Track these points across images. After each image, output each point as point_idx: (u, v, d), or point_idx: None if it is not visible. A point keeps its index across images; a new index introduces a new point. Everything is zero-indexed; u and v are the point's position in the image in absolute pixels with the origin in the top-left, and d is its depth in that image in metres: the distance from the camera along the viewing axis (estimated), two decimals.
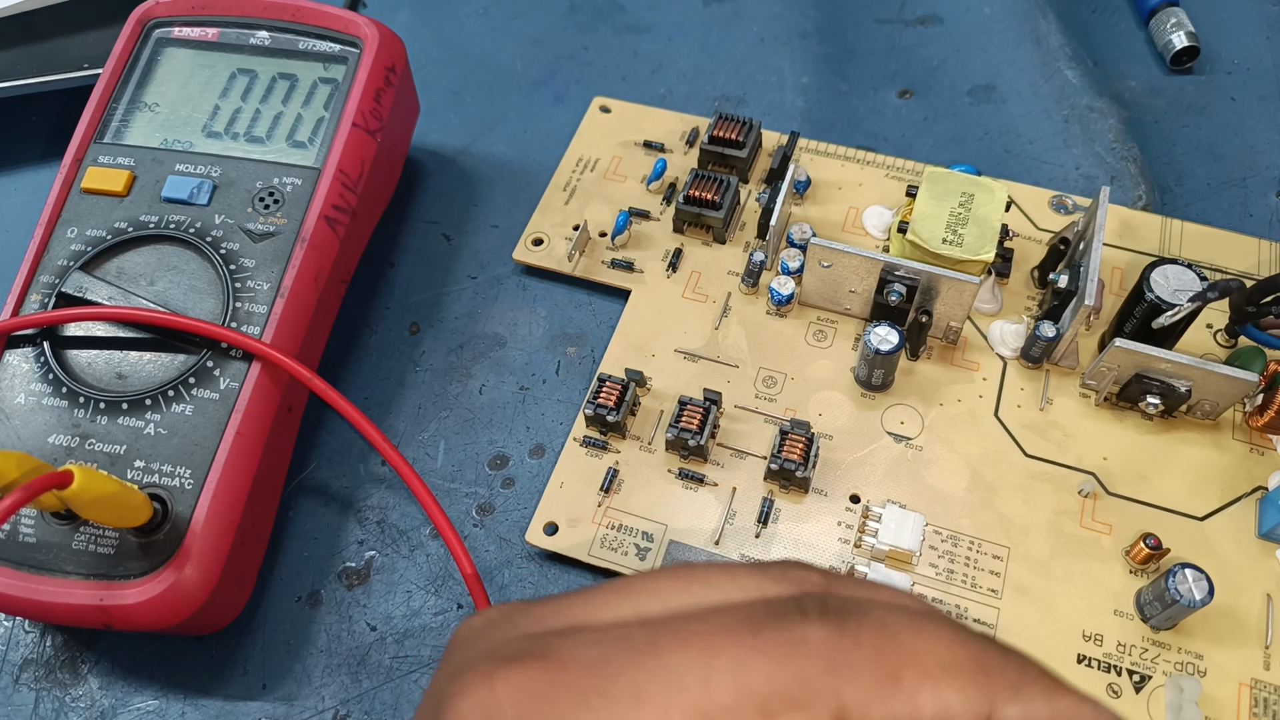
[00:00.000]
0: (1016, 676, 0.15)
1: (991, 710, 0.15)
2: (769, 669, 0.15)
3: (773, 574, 0.17)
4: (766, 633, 0.15)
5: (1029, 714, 0.15)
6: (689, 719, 0.14)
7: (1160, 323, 0.30)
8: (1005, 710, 0.15)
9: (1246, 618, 0.28)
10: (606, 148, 0.39)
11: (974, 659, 0.15)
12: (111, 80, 0.34)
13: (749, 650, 0.15)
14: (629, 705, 0.15)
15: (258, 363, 0.29)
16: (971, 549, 0.29)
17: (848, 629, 0.15)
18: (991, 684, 0.15)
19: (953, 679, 0.15)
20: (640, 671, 0.15)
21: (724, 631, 0.15)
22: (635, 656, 0.15)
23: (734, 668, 0.15)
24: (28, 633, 0.30)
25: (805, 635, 0.15)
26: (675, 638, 0.15)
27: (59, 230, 0.31)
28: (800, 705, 0.14)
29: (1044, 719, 0.15)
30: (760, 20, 0.45)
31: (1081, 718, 0.15)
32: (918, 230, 0.32)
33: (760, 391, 0.32)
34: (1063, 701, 0.15)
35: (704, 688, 0.15)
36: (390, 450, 0.29)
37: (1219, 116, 0.40)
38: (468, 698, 0.16)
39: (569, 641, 0.16)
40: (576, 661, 0.15)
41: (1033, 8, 0.44)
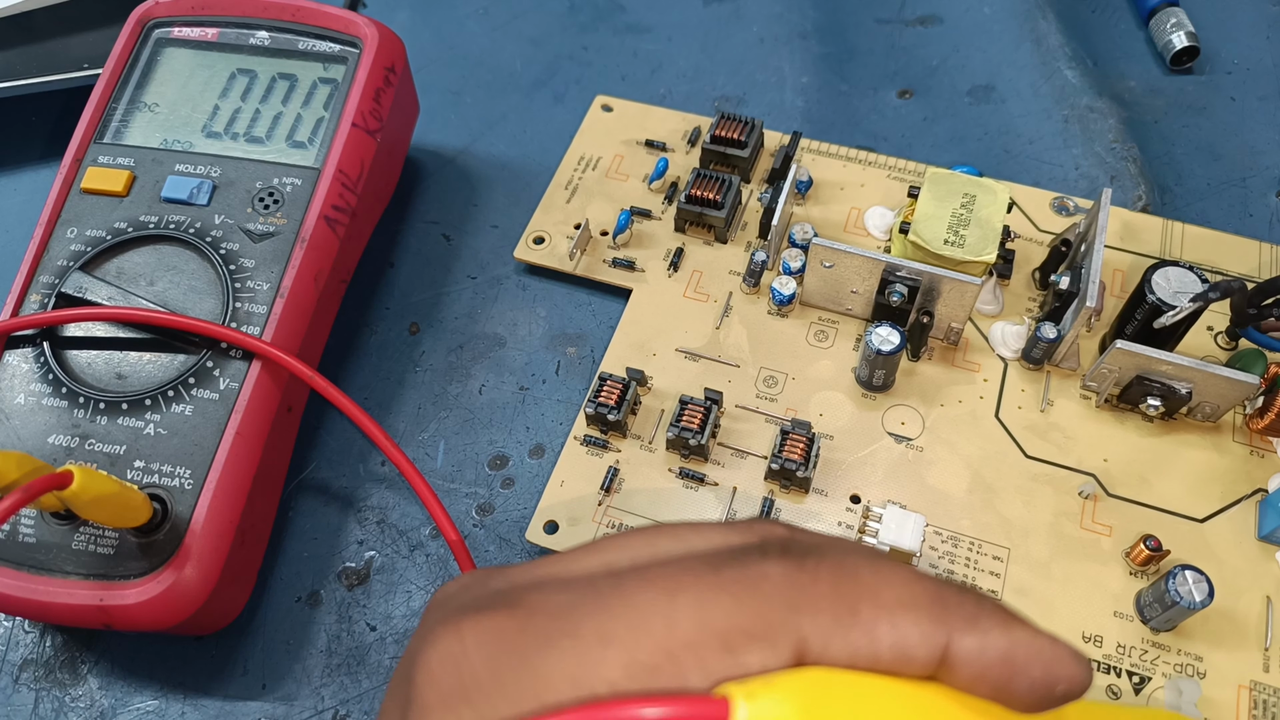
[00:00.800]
0: (973, 610, 0.16)
1: (948, 641, 0.15)
2: (730, 605, 0.15)
3: (738, 528, 0.18)
4: (727, 571, 0.15)
5: (985, 644, 0.15)
6: (653, 656, 0.14)
7: (1162, 322, 0.30)
8: (962, 641, 0.15)
9: (1246, 620, 0.28)
10: (608, 146, 0.39)
11: (930, 594, 0.16)
12: (111, 80, 0.34)
13: (710, 588, 0.15)
14: (595, 645, 0.15)
15: (258, 363, 0.29)
16: (972, 550, 0.29)
17: (806, 566, 0.16)
18: (948, 616, 0.15)
19: (909, 612, 0.15)
20: (605, 613, 0.15)
21: (686, 573, 0.16)
22: (600, 600, 0.15)
23: (696, 605, 0.15)
24: (27, 633, 0.30)
25: (765, 572, 0.15)
26: (639, 580, 0.16)
27: (59, 230, 0.31)
28: (761, 639, 0.15)
29: (1000, 648, 0.15)
30: (760, 20, 0.45)
31: (1039, 648, 0.16)
32: (920, 231, 0.32)
33: (761, 391, 0.32)
34: (1019, 633, 0.16)
35: (667, 625, 0.15)
36: (389, 445, 0.29)
37: (1219, 116, 0.40)
38: (437, 648, 0.16)
39: (536, 592, 0.16)
40: (543, 608, 0.16)
41: (1033, 8, 0.44)
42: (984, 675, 0.15)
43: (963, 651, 0.15)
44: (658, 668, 0.14)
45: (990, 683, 0.15)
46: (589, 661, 0.15)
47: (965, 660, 0.15)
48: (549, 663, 0.15)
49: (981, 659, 0.15)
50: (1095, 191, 0.38)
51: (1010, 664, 0.15)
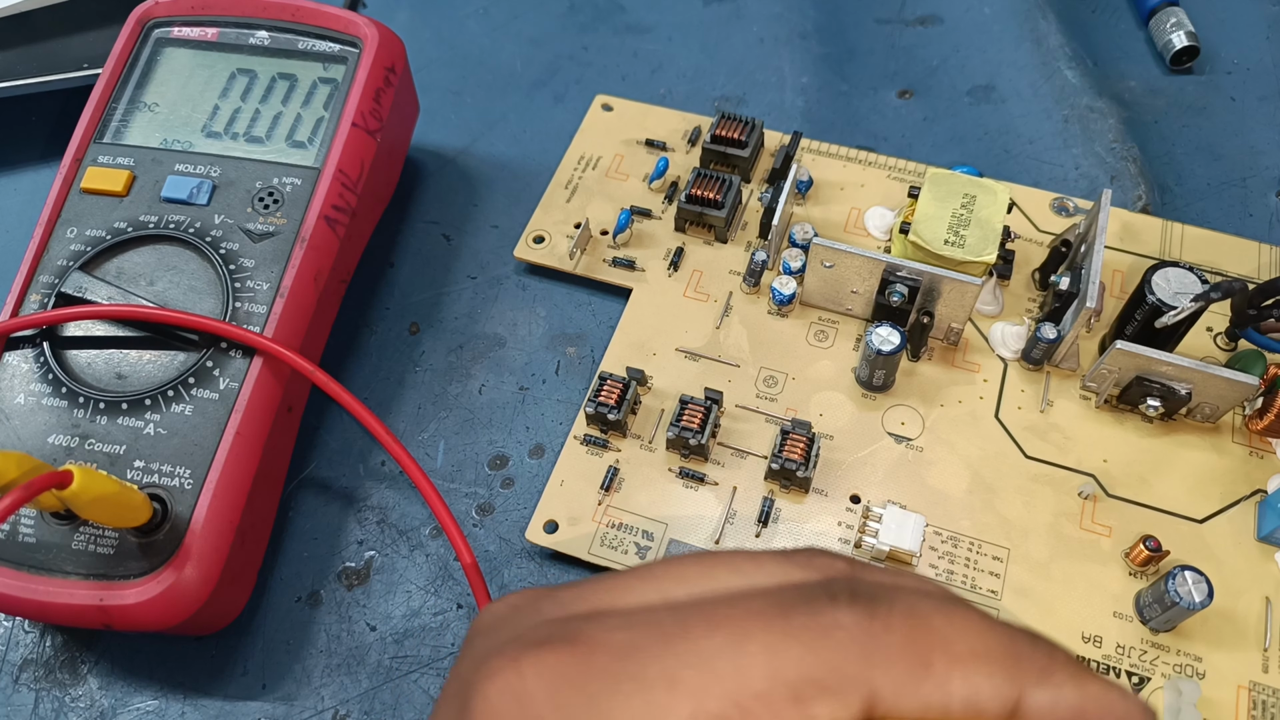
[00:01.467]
0: (1046, 662, 0.15)
1: (1021, 695, 0.15)
2: (801, 654, 0.15)
3: (797, 560, 0.17)
4: (797, 617, 0.15)
5: (1058, 699, 0.15)
6: (722, 704, 0.14)
7: (1163, 322, 0.30)
8: (1034, 695, 0.15)
9: (1245, 620, 0.28)
10: (609, 146, 0.39)
11: (1003, 645, 0.15)
12: (111, 80, 0.34)
13: (780, 635, 0.15)
14: (662, 690, 0.14)
15: (258, 362, 0.29)
16: (971, 550, 0.29)
17: (878, 614, 0.15)
18: (1021, 670, 0.15)
19: (983, 664, 0.15)
20: (672, 656, 0.15)
21: (754, 616, 0.15)
22: (665, 641, 0.15)
23: (766, 653, 0.15)
24: (27, 633, 0.30)
25: (836, 620, 0.15)
26: (706, 622, 0.15)
27: (59, 230, 0.31)
28: (833, 691, 0.14)
29: (1072, 704, 0.15)
30: (760, 20, 0.44)
31: (1110, 705, 0.15)
32: (920, 231, 0.32)
33: (761, 391, 0.32)
34: (1092, 688, 0.15)
35: (737, 673, 0.14)
36: (391, 441, 0.28)
37: (1219, 116, 0.40)
38: (496, 682, 0.15)
39: (597, 625, 0.16)
40: (606, 646, 0.15)
41: (1033, 8, 0.44)
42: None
43: (1035, 706, 0.15)
44: (725, 717, 0.14)
45: None
46: (656, 707, 0.14)
47: (1037, 715, 0.15)
48: (615, 706, 0.14)
49: (1053, 714, 0.15)
50: (1095, 191, 0.38)
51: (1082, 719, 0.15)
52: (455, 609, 0.30)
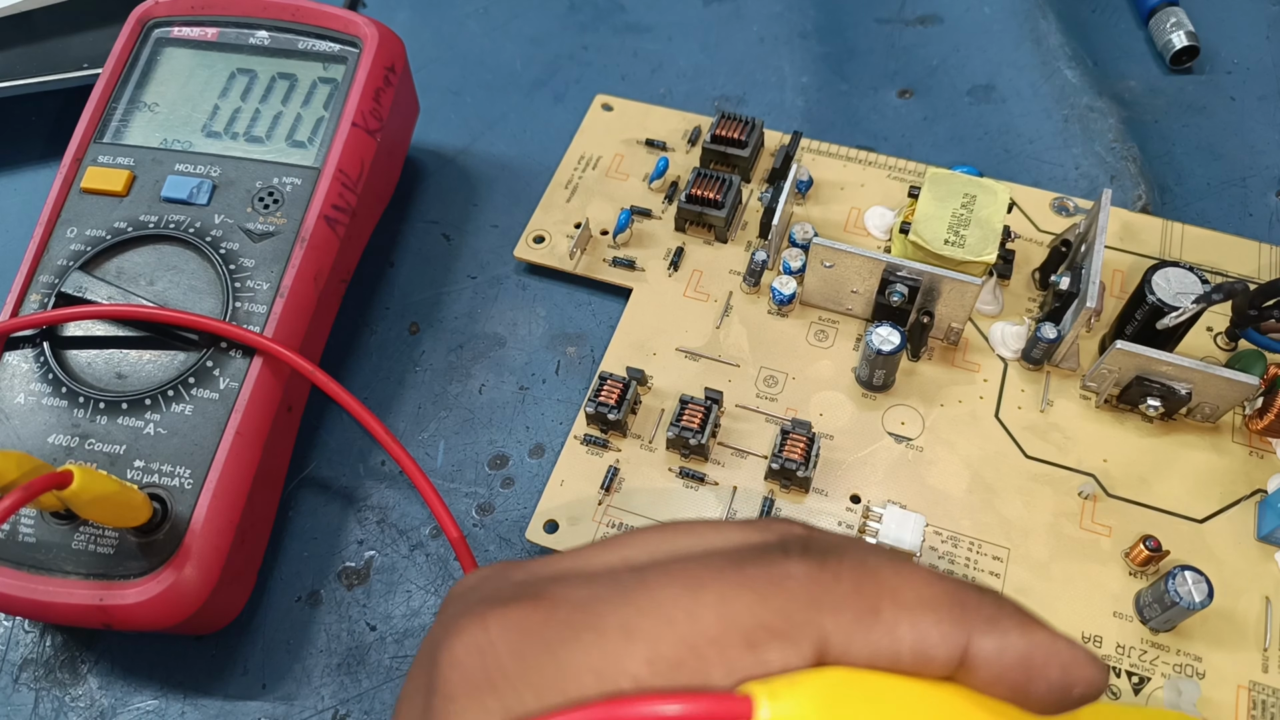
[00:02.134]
0: (993, 611, 0.16)
1: (968, 642, 0.15)
2: (753, 602, 0.15)
3: (757, 525, 0.18)
4: (750, 569, 0.16)
5: (1004, 646, 0.15)
6: (676, 650, 0.15)
7: (1165, 323, 0.30)
8: (981, 642, 0.15)
9: (1245, 620, 0.28)
10: (609, 146, 0.39)
11: (950, 594, 0.16)
12: (111, 80, 0.34)
13: (733, 585, 0.15)
14: (619, 639, 0.15)
15: (258, 362, 0.29)
16: (971, 550, 0.29)
17: (828, 565, 0.16)
18: (968, 617, 0.15)
19: (930, 612, 0.15)
20: (628, 607, 0.15)
21: (709, 569, 0.16)
22: (624, 593, 0.16)
23: (719, 601, 0.15)
24: (27, 632, 0.30)
25: (788, 570, 0.16)
26: (663, 575, 0.16)
27: (58, 230, 0.31)
28: (784, 637, 0.15)
29: (1019, 649, 0.15)
30: (760, 20, 0.44)
31: (1057, 651, 0.16)
32: (920, 231, 0.32)
33: (761, 391, 0.32)
34: (1038, 635, 0.16)
35: (690, 620, 0.15)
36: (388, 438, 0.28)
37: (1219, 116, 0.40)
38: (462, 638, 0.16)
39: (560, 584, 0.16)
40: (567, 600, 0.16)
41: (1033, 8, 0.44)
42: (1002, 677, 0.15)
43: (982, 653, 0.15)
44: (681, 662, 0.14)
45: (1008, 684, 0.16)
46: (613, 655, 0.15)
47: (984, 662, 0.15)
48: (573, 655, 0.15)
49: (1000, 661, 0.15)
50: (1095, 191, 0.38)
51: (1028, 666, 0.15)
52: None
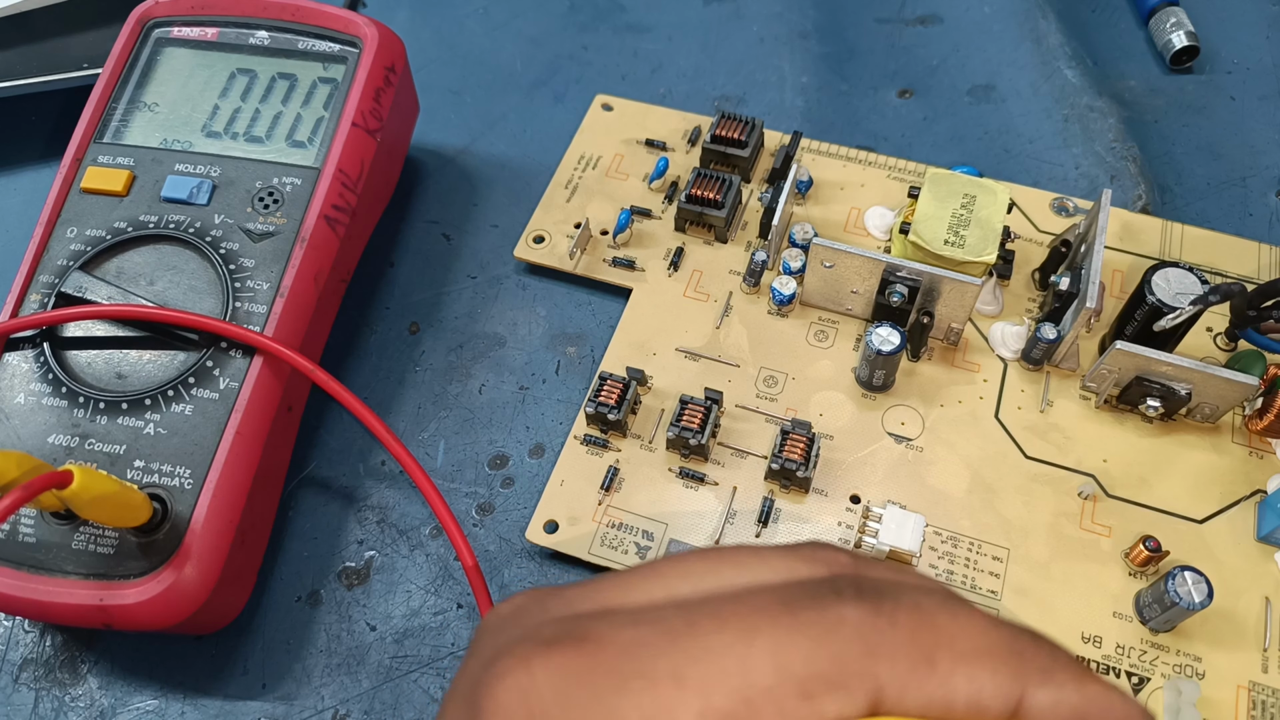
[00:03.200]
0: (1048, 662, 0.15)
1: (1023, 694, 0.15)
2: (807, 649, 0.15)
3: (802, 555, 0.17)
4: (803, 613, 0.15)
5: (1060, 699, 0.15)
6: (730, 700, 0.14)
7: (1162, 325, 0.30)
8: (1037, 695, 0.15)
9: (1245, 621, 0.28)
10: (609, 145, 0.39)
11: (1007, 644, 0.15)
12: (111, 80, 0.34)
13: (786, 631, 0.15)
14: (669, 687, 0.14)
15: (258, 361, 0.29)
16: (971, 550, 0.29)
17: (883, 610, 0.15)
18: (1024, 668, 0.15)
19: (987, 662, 0.15)
20: (679, 653, 0.15)
21: (760, 612, 0.15)
22: (672, 638, 0.15)
23: (772, 649, 0.15)
24: (27, 632, 0.30)
25: (842, 616, 0.15)
26: (712, 619, 0.15)
27: (58, 230, 0.31)
28: (838, 686, 0.14)
29: (1074, 705, 0.15)
30: (760, 20, 0.44)
31: (1111, 706, 0.15)
32: (920, 231, 0.32)
33: (761, 391, 0.32)
34: (1092, 689, 0.15)
35: (743, 669, 0.14)
36: (389, 437, 0.28)
37: (1219, 116, 0.40)
38: (505, 682, 0.15)
39: (604, 623, 0.16)
40: (613, 643, 0.15)
41: (1033, 7, 0.44)
42: None
43: (1036, 706, 0.15)
44: (734, 714, 0.14)
45: None
46: (664, 704, 0.14)
47: (1038, 714, 0.15)
48: (623, 703, 0.14)
49: (1054, 714, 0.15)
50: (1095, 191, 0.38)
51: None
52: (455, 609, 0.30)
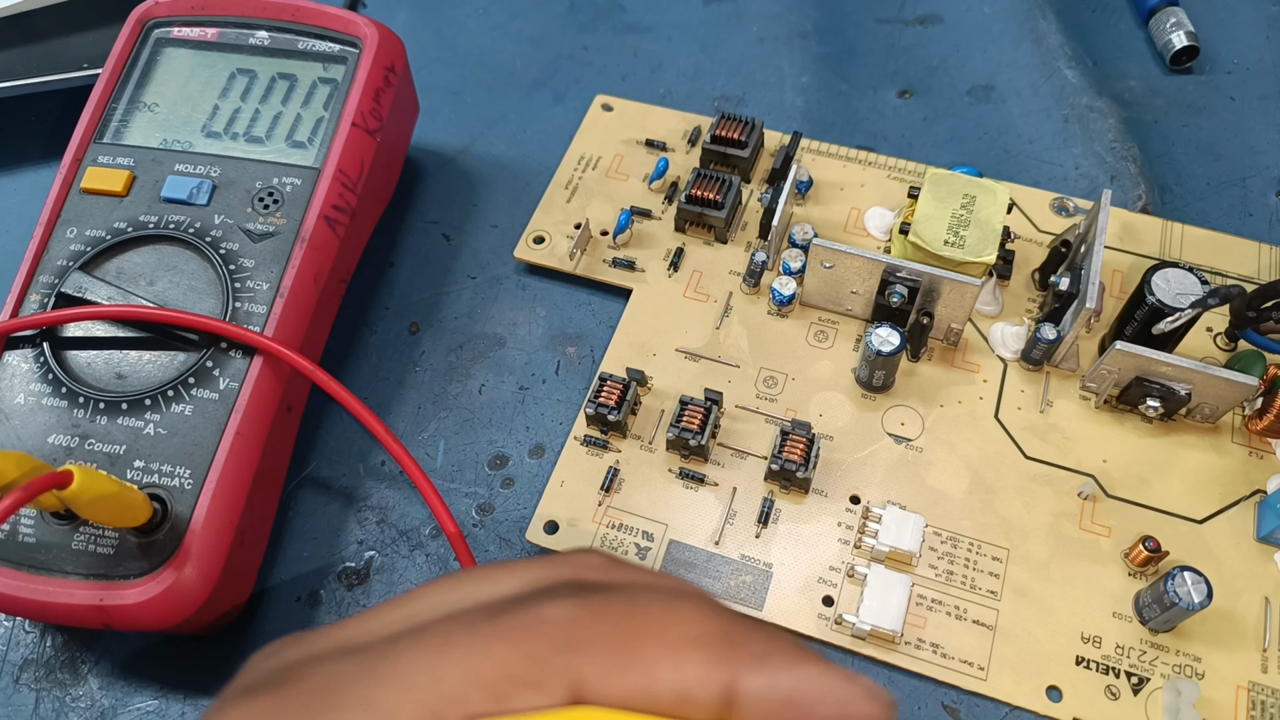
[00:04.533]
0: (763, 648, 0.15)
1: (733, 680, 0.15)
2: (502, 653, 0.14)
3: (553, 562, 0.17)
4: (505, 618, 0.15)
5: (772, 683, 0.15)
6: (417, 714, 0.14)
7: (1160, 328, 0.30)
8: (748, 680, 0.15)
9: (1245, 621, 0.28)
10: (608, 146, 0.39)
11: (720, 632, 0.15)
12: (111, 80, 0.34)
13: (483, 638, 0.15)
14: (357, 714, 0.14)
15: (258, 362, 0.29)
16: (971, 550, 0.29)
17: (590, 605, 0.15)
18: (735, 655, 0.15)
19: (694, 650, 0.15)
20: (370, 679, 0.15)
21: (461, 623, 0.15)
22: (370, 666, 0.15)
23: (464, 658, 0.15)
24: (28, 633, 0.30)
25: (543, 615, 0.15)
26: (412, 638, 0.15)
27: (58, 230, 0.31)
28: (532, 684, 0.14)
29: (787, 687, 0.15)
30: (760, 20, 0.44)
31: (829, 686, 0.15)
32: (920, 232, 0.32)
33: (761, 392, 0.32)
34: (808, 670, 0.15)
35: (433, 682, 0.14)
36: (389, 437, 0.28)
37: (1219, 116, 0.40)
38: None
39: (313, 665, 0.16)
40: (310, 685, 0.15)
41: (1032, 7, 0.44)
42: (771, 716, 0.15)
43: (748, 691, 0.15)
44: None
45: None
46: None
47: (750, 702, 0.15)
48: None
49: (767, 698, 0.15)
50: (1095, 191, 0.38)
51: (798, 704, 0.15)
52: None
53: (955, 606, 0.28)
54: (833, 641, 0.28)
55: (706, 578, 0.29)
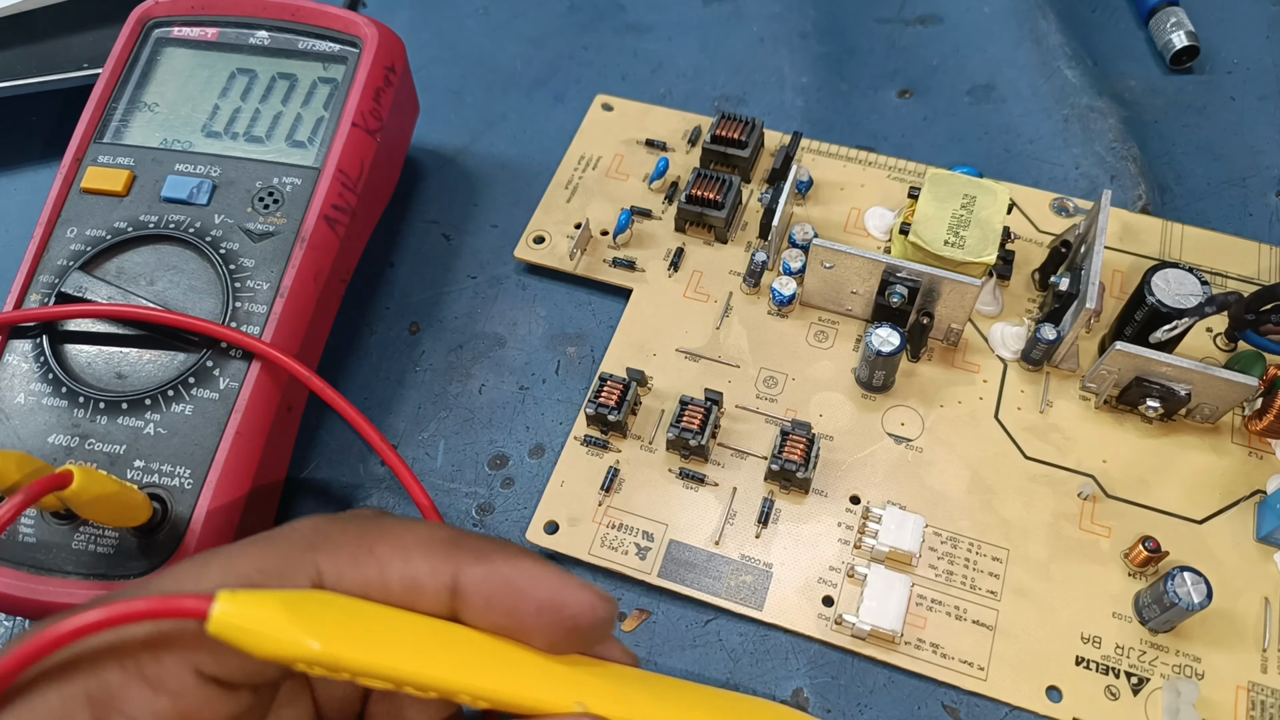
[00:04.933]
0: (485, 548, 0.18)
1: (457, 573, 0.17)
2: (256, 554, 0.18)
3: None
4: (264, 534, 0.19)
5: (489, 572, 0.17)
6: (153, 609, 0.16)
7: (1157, 338, 0.30)
8: (469, 570, 0.17)
9: (1244, 621, 0.28)
10: (609, 146, 0.39)
11: (448, 536, 0.18)
12: (111, 80, 0.34)
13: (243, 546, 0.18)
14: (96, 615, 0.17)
15: (257, 362, 0.29)
16: (971, 551, 0.29)
17: (337, 519, 0.19)
18: (458, 553, 0.18)
19: (422, 549, 0.18)
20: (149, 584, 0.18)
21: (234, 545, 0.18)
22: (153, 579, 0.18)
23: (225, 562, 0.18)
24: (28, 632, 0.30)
25: (295, 526, 0.18)
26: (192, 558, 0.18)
27: (59, 230, 0.31)
28: (279, 576, 0.17)
29: (505, 575, 0.17)
30: (760, 20, 0.44)
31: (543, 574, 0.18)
32: (920, 232, 0.32)
33: (761, 392, 0.32)
34: (525, 563, 0.18)
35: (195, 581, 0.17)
36: (384, 446, 0.28)
37: (1219, 116, 0.40)
38: None
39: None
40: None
41: (1033, 7, 0.44)
42: (491, 602, 0.17)
43: (469, 581, 0.17)
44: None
45: (499, 610, 0.17)
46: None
47: (472, 589, 0.17)
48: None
49: (486, 585, 0.17)
50: (1095, 191, 0.38)
51: (514, 589, 0.17)
52: None
53: (955, 606, 0.28)
54: (833, 641, 0.28)
55: (706, 577, 0.29)
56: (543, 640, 0.18)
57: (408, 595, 0.17)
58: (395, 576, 0.17)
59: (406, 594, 0.17)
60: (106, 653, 0.17)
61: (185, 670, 0.17)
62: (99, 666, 0.17)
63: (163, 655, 0.17)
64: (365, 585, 0.17)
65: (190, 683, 0.17)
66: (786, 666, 0.28)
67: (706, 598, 0.29)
